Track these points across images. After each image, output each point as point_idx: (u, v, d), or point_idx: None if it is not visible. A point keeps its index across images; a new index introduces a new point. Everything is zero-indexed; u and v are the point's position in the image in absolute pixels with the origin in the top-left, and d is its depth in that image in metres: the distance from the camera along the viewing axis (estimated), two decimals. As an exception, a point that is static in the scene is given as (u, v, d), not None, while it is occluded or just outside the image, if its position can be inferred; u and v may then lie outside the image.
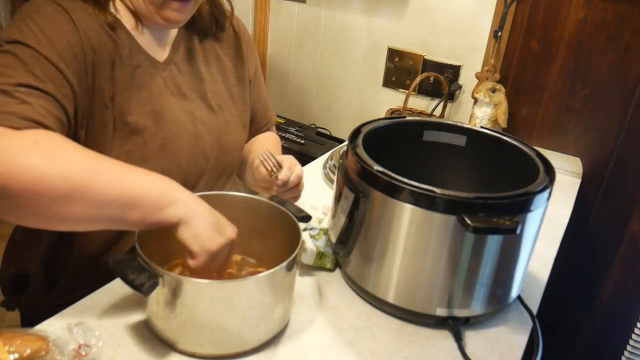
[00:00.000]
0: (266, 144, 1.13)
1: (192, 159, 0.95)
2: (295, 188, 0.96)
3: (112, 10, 0.87)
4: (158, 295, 0.68)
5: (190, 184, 0.96)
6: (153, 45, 0.92)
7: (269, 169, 0.93)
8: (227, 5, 1.05)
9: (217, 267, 0.74)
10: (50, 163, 0.66)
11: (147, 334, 0.75)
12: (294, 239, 0.77)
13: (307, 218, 0.84)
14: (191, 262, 0.71)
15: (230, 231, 0.73)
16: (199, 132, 0.96)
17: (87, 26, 0.82)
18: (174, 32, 0.96)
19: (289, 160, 0.96)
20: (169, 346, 0.73)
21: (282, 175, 0.93)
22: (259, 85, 1.14)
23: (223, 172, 1.03)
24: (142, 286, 0.65)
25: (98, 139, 0.84)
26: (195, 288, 0.67)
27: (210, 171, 0.99)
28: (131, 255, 0.69)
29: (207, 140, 0.97)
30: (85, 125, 0.82)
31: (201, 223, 0.70)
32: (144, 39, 0.90)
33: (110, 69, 0.84)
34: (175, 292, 0.67)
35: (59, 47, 0.77)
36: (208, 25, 1.00)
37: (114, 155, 0.85)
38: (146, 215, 0.69)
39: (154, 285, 0.66)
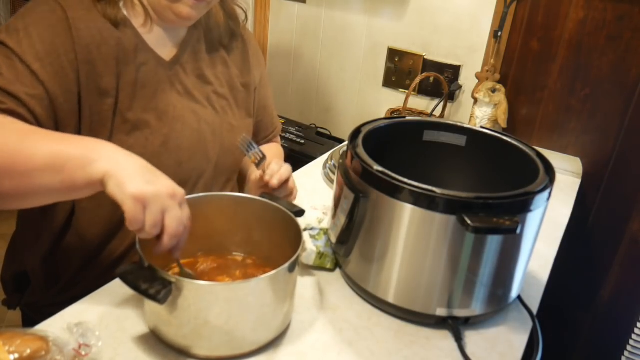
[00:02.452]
0: (269, 157, 1.12)
1: (193, 158, 0.95)
2: (285, 185, 0.94)
3: (122, 7, 0.87)
4: (168, 302, 0.67)
5: (191, 184, 0.96)
6: (160, 44, 0.92)
7: (252, 157, 0.92)
8: (242, 16, 1.06)
9: (154, 229, 0.66)
10: None
11: (147, 333, 0.75)
12: (294, 238, 0.77)
13: (300, 212, 0.84)
14: (127, 223, 0.64)
15: (165, 183, 0.66)
16: (202, 131, 0.96)
17: (86, 24, 0.82)
18: (182, 33, 0.96)
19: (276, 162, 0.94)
20: (182, 352, 0.71)
21: (271, 170, 0.91)
22: (265, 93, 1.14)
23: (224, 173, 1.03)
24: (159, 294, 0.64)
25: (96, 135, 0.84)
26: (208, 291, 0.67)
27: (211, 171, 0.99)
28: (135, 265, 0.68)
29: (209, 140, 0.97)
30: (74, 124, 0.83)
31: (125, 171, 0.64)
32: (152, 37, 0.90)
33: (114, 65, 0.85)
34: (187, 297, 0.66)
35: (41, 47, 0.78)
36: (223, 35, 1.01)
37: None
38: (72, 176, 0.65)
39: (170, 292, 0.65)
